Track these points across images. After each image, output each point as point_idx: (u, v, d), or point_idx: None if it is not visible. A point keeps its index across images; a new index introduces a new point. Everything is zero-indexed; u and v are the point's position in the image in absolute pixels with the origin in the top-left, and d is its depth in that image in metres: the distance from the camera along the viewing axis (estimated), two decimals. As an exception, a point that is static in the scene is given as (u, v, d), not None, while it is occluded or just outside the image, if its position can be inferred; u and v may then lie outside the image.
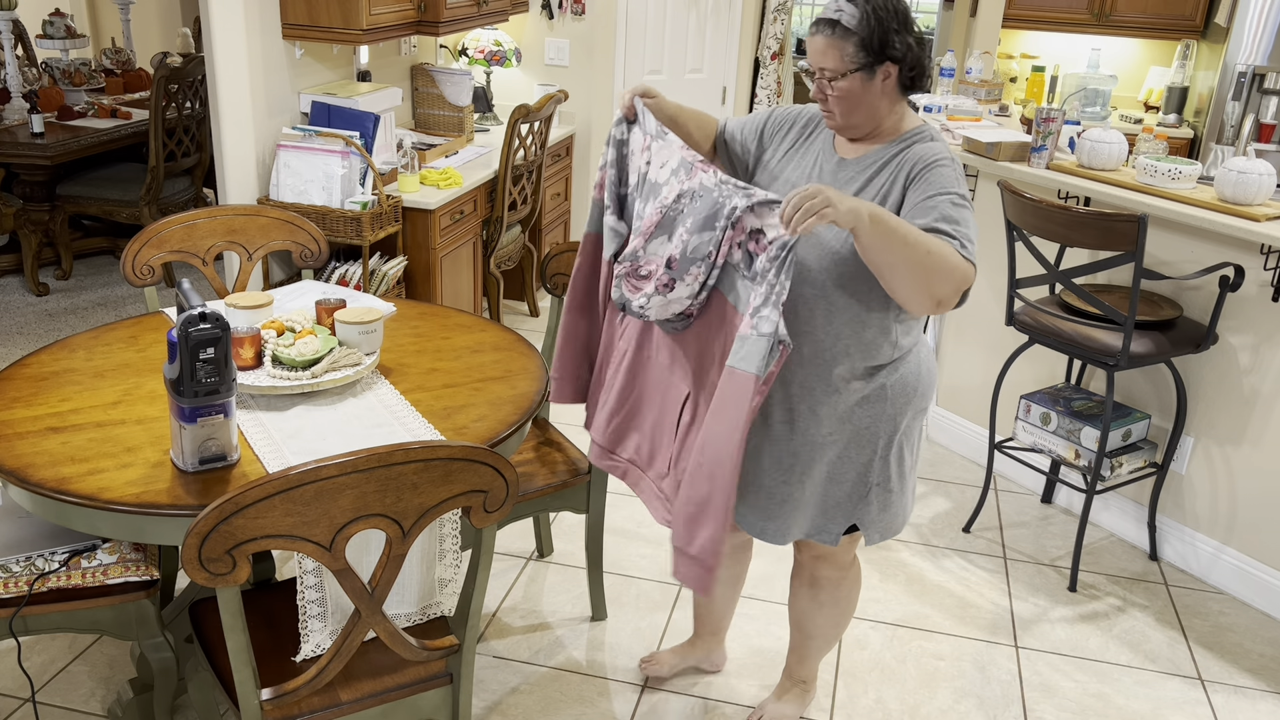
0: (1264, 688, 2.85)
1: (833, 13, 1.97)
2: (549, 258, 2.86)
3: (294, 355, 2.25)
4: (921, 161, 2.00)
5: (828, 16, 1.98)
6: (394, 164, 4.08)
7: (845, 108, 2.02)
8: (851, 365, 2.09)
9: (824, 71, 2.00)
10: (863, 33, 1.95)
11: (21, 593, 2.08)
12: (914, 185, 2.00)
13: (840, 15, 1.96)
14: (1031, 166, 3.42)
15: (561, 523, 3.40)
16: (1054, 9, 5.65)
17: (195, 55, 5.14)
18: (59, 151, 4.78)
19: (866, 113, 2.03)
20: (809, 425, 2.13)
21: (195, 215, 2.84)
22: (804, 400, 2.13)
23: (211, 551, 1.59)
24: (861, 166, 2.07)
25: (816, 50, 2.00)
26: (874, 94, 2.01)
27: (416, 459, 1.67)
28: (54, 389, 2.26)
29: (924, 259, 1.86)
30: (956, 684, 2.80)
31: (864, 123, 2.05)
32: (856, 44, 1.96)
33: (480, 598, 1.97)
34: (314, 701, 1.91)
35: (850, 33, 1.96)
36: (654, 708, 2.66)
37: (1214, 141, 4.99)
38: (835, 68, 1.98)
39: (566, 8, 5.19)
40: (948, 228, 1.92)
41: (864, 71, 1.98)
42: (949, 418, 4.06)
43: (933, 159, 2.00)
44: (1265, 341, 3.07)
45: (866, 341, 2.07)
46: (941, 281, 1.89)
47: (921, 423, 2.25)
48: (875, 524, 2.24)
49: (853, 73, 1.98)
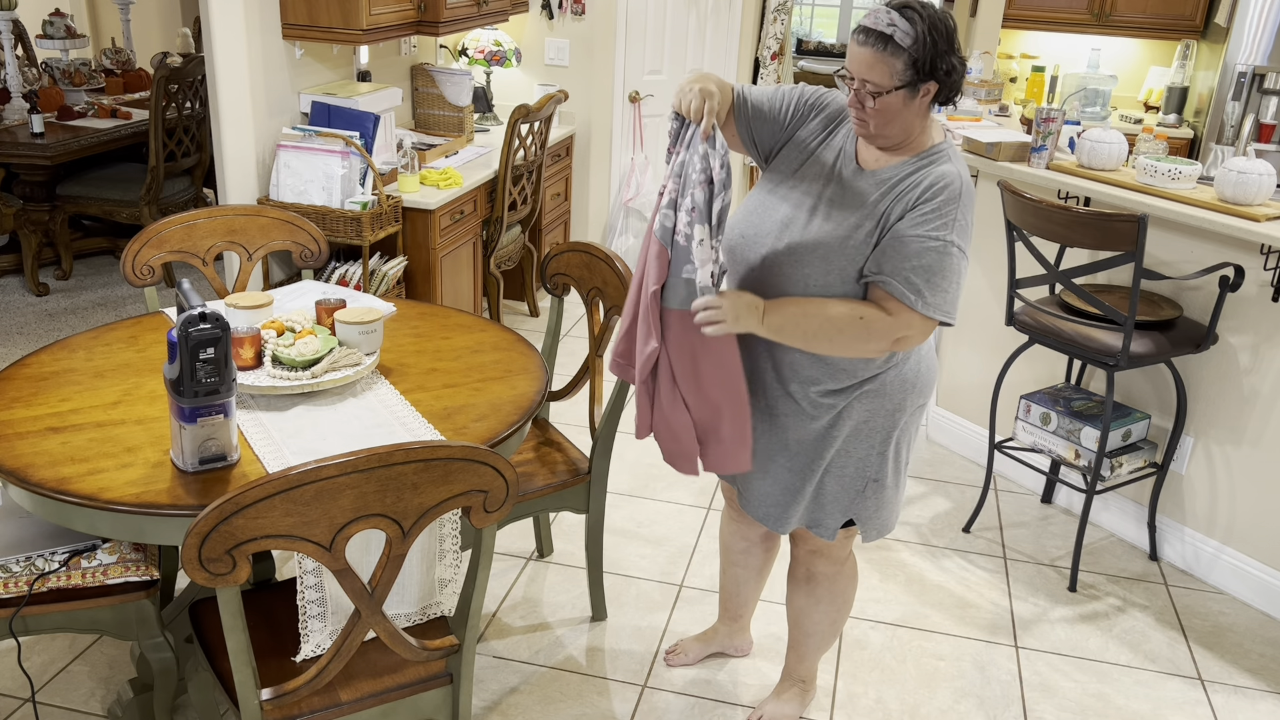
0: (1264, 688, 2.85)
1: (885, 26, 1.92)
2: (549, 258, 2.86)
3: (294, 355, 2.25)
4: (931, 189, 1.98)
5: (880, 29, 1.92)
6: (394, 164, 4.08)
7: (881, 120, 1.99)
8: (850, 361, 2.11)
9: (867, 84, 1.96)
10: (916, 52, 1.92)
11: (21, 593, 2.08)
12: (914, 209, 1.98)
13: (894, 31, 1.91)
14: (1031, 166, 3.42)
15: (561, 523, 3.40)
16: (1054, 9, 5.65)
17: (195, 55, 5.14)
18: (59, 151, 4.78)
19: (901, 127, 2.01)
20: (812, 418, 2.17)
21: (195, 215, 2.84)
22: (805, 396, 2.16)
23: (211, 551, 1.59)
24: (878, 181, 2.05)
25: (863, 62, 1.95)
26: (913, 110, 1.99)
27: (416, 459, 1.67)
28: (54, 389, 2.26)
29: (834, 336, 2.00)
30: (956, 684, 2.80)
31: (896, 135, 2.02)
32: (907, 61, 1.93)
33: (480, 598, 1.97)
34: (314, 701, 1.91)
35: (902, 50, 1.92)
36: (654, 708, 2.66)
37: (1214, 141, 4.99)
38: (882, 83, 1.94)
39: (566, 8, 5.19)
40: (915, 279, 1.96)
41: (908, 89, 1.95)
42: (949, 418, 4.06)
43: (943, 188, 1.97)
44: (1265, 341, 3.07)
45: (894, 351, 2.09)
46: (864, 344, 2.02)
47: (920, 420, 2.26)
48: (872, 520, 2.27)
49: (898, 89, 1.95)
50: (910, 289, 1.96)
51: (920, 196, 1.98)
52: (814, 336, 2.01)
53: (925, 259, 1.95)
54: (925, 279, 1.96)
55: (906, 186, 2.01)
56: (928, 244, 1.95)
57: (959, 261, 1.98)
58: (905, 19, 1.92)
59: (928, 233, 1.95)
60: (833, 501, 2.25)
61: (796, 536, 2.41)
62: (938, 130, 2.08)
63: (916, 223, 1.96)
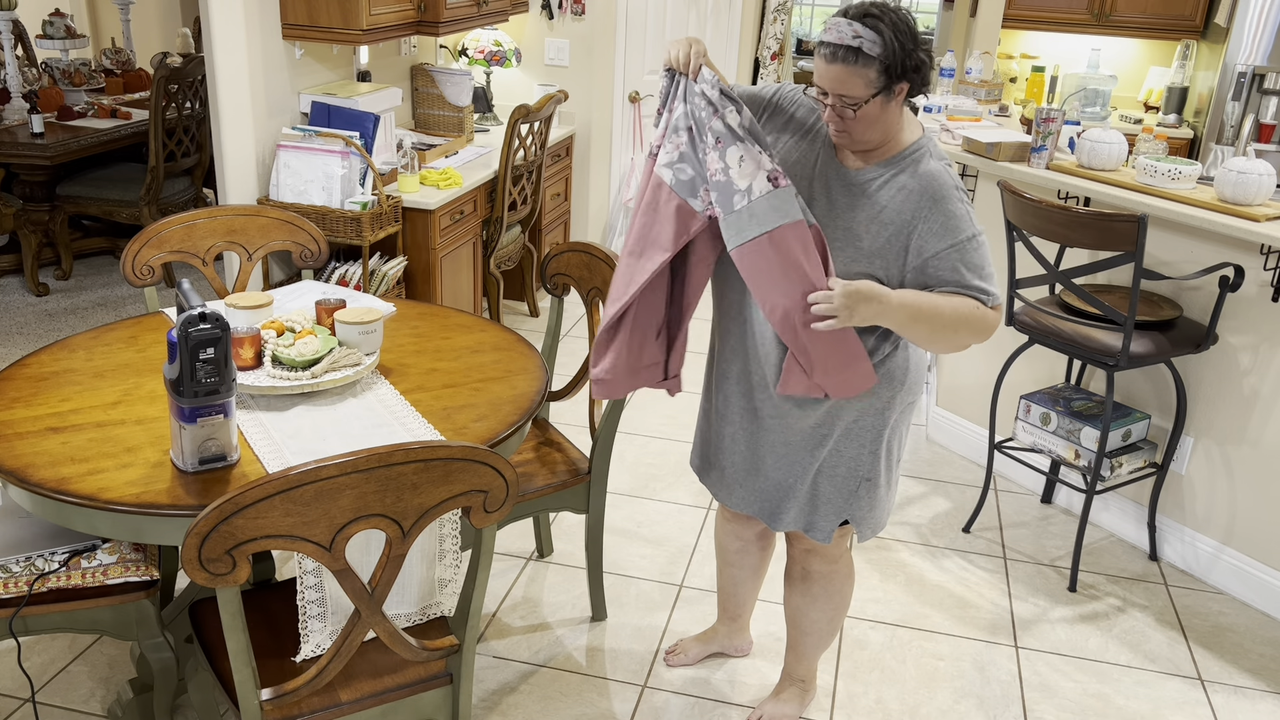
0: (1264, 688, 2.85)
1: (850, 40, 1.92)
2: (549, 258, 2.87)
3: (294, 355, 2.25)
4: (930, 195, 2.00)
5: (846, 44, 1.92)
6: (394, 164, 4.08)
7: (862, 128, 2.00)
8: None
9: (844, 99, 1.96)
10: (886, 58, 1.92)
11: (21, 593, 2.08)
12: (927, 223, 2.00)
13: (860, 43, 1.91)
14: (1031, 167, 3.42)
15: (561, 523, 3.40)
16: (1054, 9, 5.65)
17: (195, 55, 5.14)
18: (59, 151, 4.78)
19: (882, 130, 2.02)
20: (799, 416, 2.19)
21: (195, 215, 2.84)
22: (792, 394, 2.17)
23: (211, 552, 1.59)
24: (867, 180, 2.06)
25: (835, 79, 1.95)
26: (891, 112, 2.00)
27: (416, 459, 1.68)
28: (54, 389, 2.26)
29: (959, 327, 2.02)
30: (956, 684, 2.80)
31: (879, 139, 2.04)
32: (879, 69, 1.93)
33: (480, 598, 1.97)
34: (314, 701, 1.91)
35: (873, 59, 1.92)
36: (654, 708, 2.66)
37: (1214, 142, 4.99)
38: (858, 95, 1.95)
39: (566, 8, 5.19)
40: (976, 282, 2.01)
41: (884, 94, 1.96)
42: (949, 418, 4.06)
43: (940, 190, 2.01)
44: (1265, 341, 3.07)
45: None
46: (974, 336, 2.05)
47: (910, 418, 2.28)
48: (866, 519, 2.29)
49: (874, 96, 1.95)
50: (981, 293, 2.03)
51: (924, 206, 2.01)
52: (942, 329, 2.02)
53: (973, 259, 2.02)
54: (984, 275, 2.04)
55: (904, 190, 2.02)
56: (966, 247, 2.01)
57: (985, 242, 2.05)
58: (869, 27, 1.92)
59: (960, 239, 2.01)
60: (827, 503, 2.26)
61: (792, 535, 2.42)
62: (913, 124, 2.09)
63: (943, 235, 2.01)
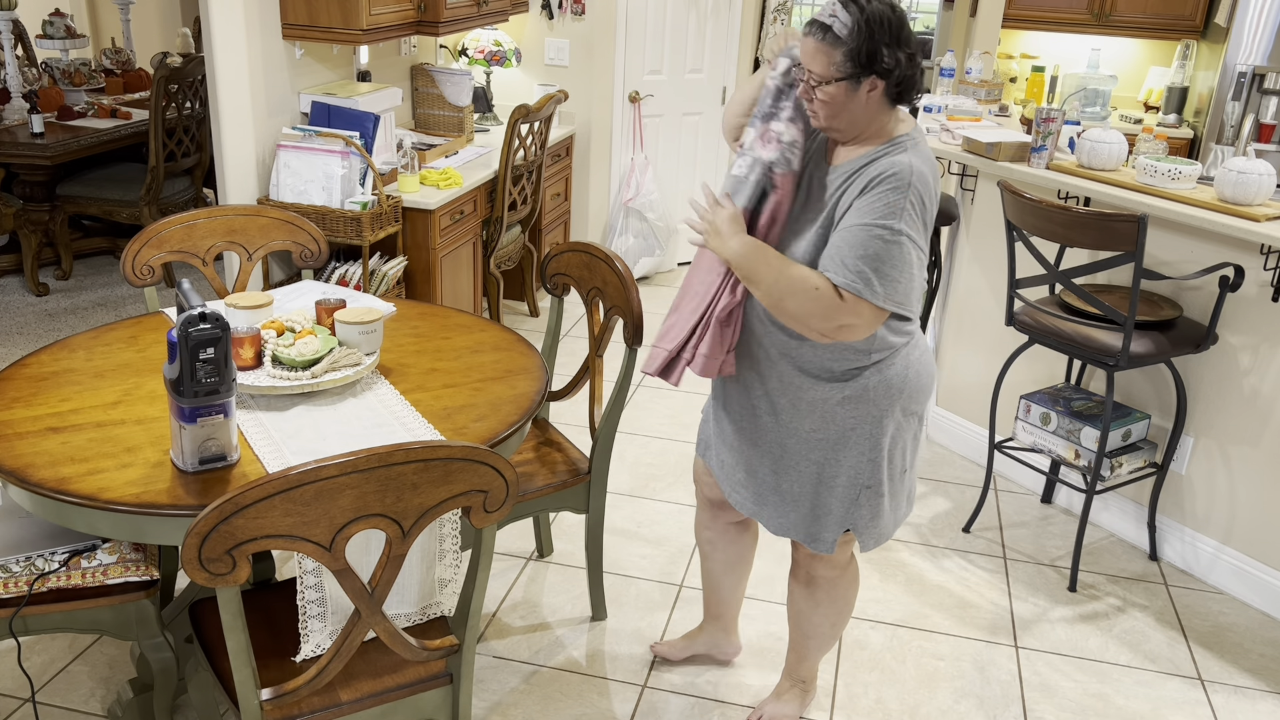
0: (1264, 688, 2.85)
1: (826, 17, 1.96)
2: (549, 258, 2.86)
3: (294, 355, 2.25)
4: (879, 178, 1.98)
5: (821, 20, 1.96)
6: (394, 164, 4.08)
7: (828, 112, 2.02)
8: (822, 362, 2.11)
9: (811, 75, 1.99)
10: (851, 44, 1.93)
11: (21, 593, 2.08)
12: (862, 197, 1.99)
13: (833, 22, 1.94)
14: (1031, 166, 3.42)
15: (561, 523, 3.40)
16: (1054, 9, 5.65)
17: (195, 55, 5.14)
18: (59, 151, 4.78)
19: (848, 120, 2.02)
20: (791, 418, 2.19)
21: (195, 215, 2.84)
22: (783, 395, 2.18)
23: (211, 551, 1.59)
24: (837, 175, 2.07)
25: (806, 51, 1.99)
26: (857, 104, 1.99)
27: (416, 459, 1.68)
28: (54, 389, 2.26)
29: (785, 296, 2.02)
30: (956, 684, 2.80)
31: (845, 129, 2.04)
32: (845, 54, 1.94)
33: (480, 598, 1.97)
34: (314, 701, 1.91)
35: (840, 41, 1.94)
36: (654, 708, 2.66)
37: (1214, 141, 4.99)
38: (821, 73, 1.97)
39: (566, 8, 5.19)
40: (853, 262, 1.96)
41: (849, 81, 1.97)
42: (949, 418, 4.06)
43: (890, 176, 1.97)
44: (1265, 341, 3.07)
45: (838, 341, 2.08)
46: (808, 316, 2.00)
47: (915, 426, 2.24)
48: (869, 529, 2.26)
49: (837, 81, 1.97)
50: (860, 279, 1.96)
51: (867, 185, 1.99)
52: (771, 287, 2.02)
53: (872, 247, 1.96)
54: (874, 268, 1.96)
55: (858, 177, 2.02)
56: (874, 232, 1.96)
57: (910, 250, 1.97)
58: (846, 11, 1.94)
59: (874, 221, 1.96)
60: (828, 514, 2.24)
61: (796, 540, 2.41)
62: (904, 123, 2.08)
63: (863, 211, 1.97)
